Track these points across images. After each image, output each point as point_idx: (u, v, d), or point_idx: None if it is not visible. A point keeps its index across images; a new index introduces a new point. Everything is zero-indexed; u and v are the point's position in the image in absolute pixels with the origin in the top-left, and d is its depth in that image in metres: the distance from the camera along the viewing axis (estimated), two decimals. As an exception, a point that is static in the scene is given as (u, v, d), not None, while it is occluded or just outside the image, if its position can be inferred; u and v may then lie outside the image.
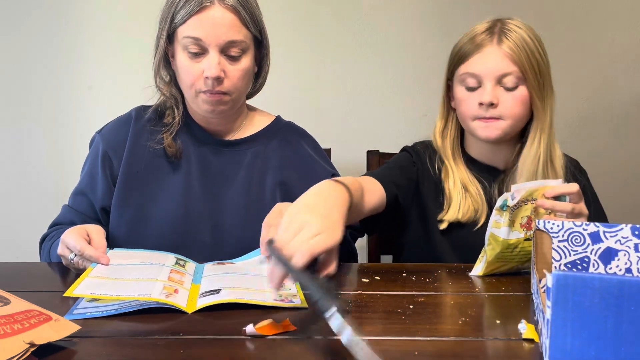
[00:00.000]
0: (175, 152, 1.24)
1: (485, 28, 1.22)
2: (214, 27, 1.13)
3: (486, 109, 1.19)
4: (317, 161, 1.32)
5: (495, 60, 1.18)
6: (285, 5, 1.96)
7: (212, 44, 1.14)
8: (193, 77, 1.16)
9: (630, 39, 2.03)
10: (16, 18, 1.94)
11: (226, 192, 1.24)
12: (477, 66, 1.19)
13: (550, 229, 0.98)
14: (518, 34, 1.19)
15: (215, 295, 0.89)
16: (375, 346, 0.77)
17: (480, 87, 1.20)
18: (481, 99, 1.19)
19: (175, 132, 1.25)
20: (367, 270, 1.14)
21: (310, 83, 2.01)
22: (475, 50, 1.20)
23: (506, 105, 1.19)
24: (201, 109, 1.20)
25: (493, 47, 1.19)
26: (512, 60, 1.18)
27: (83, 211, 1.25)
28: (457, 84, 1.25)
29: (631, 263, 0.96)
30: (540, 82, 1.20)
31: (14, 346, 0.68)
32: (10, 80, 1.97)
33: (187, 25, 1.14)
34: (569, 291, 0.65)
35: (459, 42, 1.25)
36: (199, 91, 1.17)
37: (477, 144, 1.30)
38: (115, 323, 0.84)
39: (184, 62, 1.16)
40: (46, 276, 1.12)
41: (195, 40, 1.14)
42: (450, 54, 1.27)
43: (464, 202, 1.24)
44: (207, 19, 1.13)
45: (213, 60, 1.14)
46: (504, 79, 1.19)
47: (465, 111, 1.23)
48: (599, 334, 0.64)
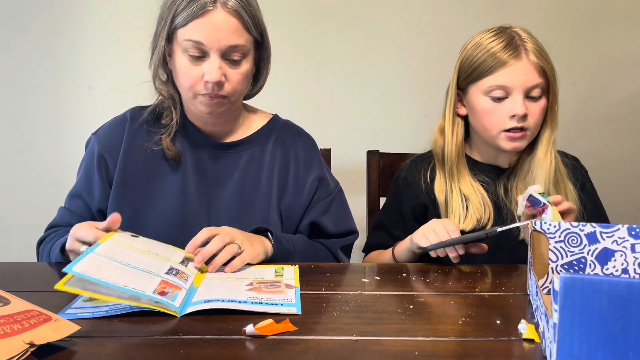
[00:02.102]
0: (174, 155, 1.23)
1: (504, 41, 1.23)
2: (216, 31, 1.11)
3: (518, 120, 1.22)
4: (307, 162, 1.31)
5: (525, 74, 1.21)
6: (286, 5, 1.96)
7: (214, 48, 1.12)
8: (192, 80, 1.15)
9: (630, 39, 2.03)
10: (16, 18, 1.94)
11: (221, 194, 1.24)
12: (507, 78, 1.21)
13: (547, 230, 0.98)
14: (534, 43, 1.23)
15: (202, 303, 0.88)
16: (375, 346, 0.78)
17: (507, 98, 1.22)
18: (514, 111, 1.21)
19: (173, 134, 1.24)
20: (367, 270, 1.14)
21: (310, 83, 2.01)
22: (501, 64, 1.21)
23: (533, 116, 1.23)
24: (199, 111, 1.20)
25: (522, 60, 1.21)
26: (539, 72, 1.22)
27: (80, 213, 1.25)
28: (480, 94, 1.25)
29: (628, 264, 0.96)
30: (557, 90, 1.26)
31: (14, 346, 0.68)
32: (10, 81, 1.97)
33: (188, 28, 1.12)
34: (577, 294, 0.64)
35: (473, 55, 1.25)
36: (198, 94, 1.16)
37: (485, 148, 1.33)
38: (115, 323, 0.84)
39: (183, 65, 1.15)
40: (46, 276, 1.12)
41: (197, 43, 1.12)
42: (462, 66, 1.28)
43: (463, 210, 1.27)
44: (209, 22, 1.11)
45: (214, 65, 1.12)
46: (532, 91, 1.22)
47: (491, 122, 1.25)
48: (607, 337, 0.64)
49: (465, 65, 1.27)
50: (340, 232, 1.30)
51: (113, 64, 1.96)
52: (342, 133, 2.00)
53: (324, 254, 1.27)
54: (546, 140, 1.27)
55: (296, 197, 1.27)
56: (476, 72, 1.25)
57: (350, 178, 1.74)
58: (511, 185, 1.30)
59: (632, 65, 2.04)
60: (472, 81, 1.26)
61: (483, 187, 1.30)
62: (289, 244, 1.18)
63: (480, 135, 1.30)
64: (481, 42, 1.25)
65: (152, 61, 1.21)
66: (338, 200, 1.33)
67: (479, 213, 1.26)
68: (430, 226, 1.17)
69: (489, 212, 1.27)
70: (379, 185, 1.62)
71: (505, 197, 1.29)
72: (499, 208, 1.29)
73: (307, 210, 1.29)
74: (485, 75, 1.23)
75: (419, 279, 1.07)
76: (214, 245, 1.05)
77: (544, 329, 0.75)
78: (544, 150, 1.26)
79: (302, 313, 0.88)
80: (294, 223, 1.28)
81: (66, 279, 0.86)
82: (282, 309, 0.88)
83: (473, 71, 1.25)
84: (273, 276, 1.04)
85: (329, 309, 0.91)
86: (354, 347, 0.77)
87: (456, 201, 1.28)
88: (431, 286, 1.03)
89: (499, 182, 1.31)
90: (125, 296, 0.87)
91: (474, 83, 1.26)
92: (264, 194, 1.25)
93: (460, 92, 1.31)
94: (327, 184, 1.31)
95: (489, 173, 1.32)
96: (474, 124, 1.31)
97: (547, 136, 1.27)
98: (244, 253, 1.08)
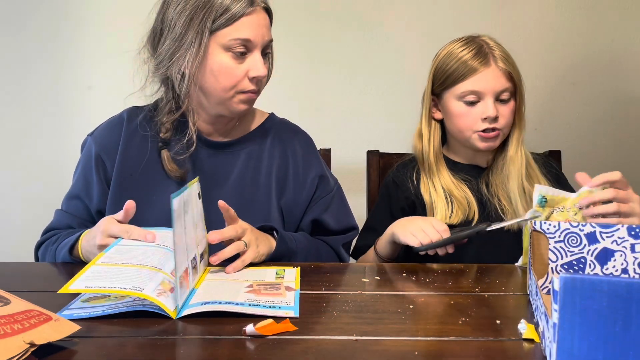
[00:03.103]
0: (181, 175, 1.22)
1: (474, 50, 1.32)
2: (259, 27, 1.16)
3: (490, 122, 1.31)
4: (306, 160, 1.31)
5: (494, 79, 1.31)
6: (286, 4, 1.96)
7: (259, 44, 1.16)
8: (236, 78, 1.16)
9: (630, 39, 2.03)
10: (16, 18, 1.94)
11: (220, 193, 1.23)
12: (478, 84, 1.30)
13: (547, 230, 0.98)
14: (501, 51, 1.33)
15: (200, 306, 0.88)
16: (375, 346, 0.78)
17: (479, 102, 1.31)
18: (486, 114, 1.30)
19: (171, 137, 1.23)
20: (367, 270, 1.14)
21: (310, 83, 2.01)
22: (471, 72, 1.31)
23: (503, 117, 1.32)
24: (232, 110, 1.20)
25: (491, 67, 1.31)
26: (506, 77, 1.31)
27: (79, 215, 1.24)
28: (453, 99, 1.34)
29: (627, 264, 0.96)
30: (524, 93, 1.36)
31: (14, 346, 0.68)
32: (10, 81, 1.97)
33: (235, 27, 1.14)
34: (577, 294, 0.64)
35: (446, 64, 1.35)
36: (240, 91, 1.18)
37: (462, 150, 1.41)
38: (115, 323, 0.84)
39: (227, 64, 1.15)
40: (46, 276, 1.12)
41: (244, 41, 1.15)
42: (436, 74, 1.38)
43: (448, 207, 1.34)
44: (254, 20, 1.15)
45: (260, 61, 1.17)
46: (501, 95, 1.31)
47: (466, 125, 1.33)
48: (607, 337, 0.64)
49: (439, 73, 1.36)
50: (341, 229, 1.31)
51: (113, 64, 1.95)
52: (342, 133, 2.00)
53: (326, 252, 1.27)
54: (516, 140, 1.36)
55: (297, 194, 1.28)
56: (450, 79, 1.34)
57: (350, 178, 1.74)
58: (491, 182, 1.38)
59: (632, 65, 2.04)
60: (446, 87, 1.35)
61: (465, 184, 1.37)
62: (292, 242, 1.19)
63: (456, 138, 1.40)
64: (452, 51, 1.35)
65: (179, 62, 1.16)
66: (338, 196, 1.33)
67: (463, 208, 1.33)
68: (417, 224, 1.21)
69: (474, 207, 1.34)
70: (378, 186, 1.62)
71: (488, 193, 1.37)
72: (482, 203, 1.36)
73: (309, 208, 1.29)
74: (458, 82, 1.32)
75: (419, 279, 1.07)
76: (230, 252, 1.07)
77: (543, 329, 0.75)
78: (514, 149, 1.36)
79: (302, 313, 0.88)
80: (295, 220, 1.28)
81: (71, 282, 0.87)
82: (279, 312, 0.87)
83: (447, 78, 1.34)
84: (274, 278, 1.04)
85: (329, 309, 0.91)
86: (354, 347, 0.77)
87: (440, 198, 1.35)
88: (431, 286, 1.03)
89: (481, 180, 1.39)
90: (128, 287, 0.87)
91: (447, 89, 1.35)
92: (263, 192, 1.26)
93: (435, 98, 1.40)
94: (327, 181, 1.32)
95: (469, 172, 1.40)
96: (449, 127, 1.39)
97: (516, 136, 1.37)
98: (246, 254, 1.08)
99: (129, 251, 0.98)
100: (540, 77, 1.98)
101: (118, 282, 0.88)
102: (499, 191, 1.35)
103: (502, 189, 1.35)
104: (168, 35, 1.16)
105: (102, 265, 0.93)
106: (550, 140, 2.00)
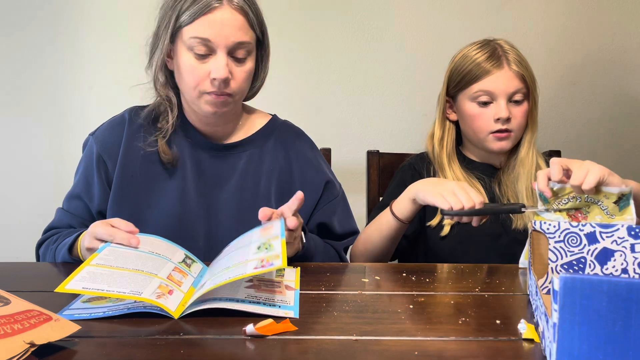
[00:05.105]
0: (171, 159, 1.22)
1: (488, 52, 1.35)
2: (222, 28, 1.12)
3: (502, 123, 1.33)
4: (312, 163, 1.31)
5: (507, 80, 1.33)
6: (286, 4, 1.96)
7: (221, 45, 1.12)
8: (198, 78, 1.14)
9: (630, 39, 2.03)
10: (17, 18, 1.94)
11: (220, 196, 1.23)
12: (491, 85, 1.33)
13: (547, 230, 0.98)
14: (515, 54, 1.35)
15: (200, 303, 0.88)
16: (375, 346, 0.78)
17: (493, 103, 1.34)
18: (499, 114, 1.32)
19: (170, 136, 1.23)
20: (367, 270, 1.14)
21: (310, 83, 2.01)
22: (485, 73, 1.34)
23: (516, 118, 1.35)
24: (203, 111, 1.19)
25: (504, 69, 1.33)
26: (519, 79, 1.34)
27: (79, 215, 1.24)
28: (467, 100, 1.37)
29: (627, 264, 0.96)
30: (537, 96, 1.38)
31: (14, 346, 0.68)
32: (10, 81, 1.97)
33: (194, 25, 1.12)
34: (577, 294, 0.64)
35: (461, 66, 1.37)
36: (203, 92, 1.15)
37: (476, 150, 1.43)
38: (115, 323, 0.84)
39: (189, 63, 1.14)
40: (46, 276, 1.12)
41: (203, 41, 1.12)
42: (451, 76, 1.40)
43: None
44: (216, 19, 1.11)
45: (221, 62, 1.12)
46: (514, 96, 1.34)
47: (479, 126, 1.36)
48: (607, 337, 0.64)
49: (454, 75, 1.39)
50: (345, 233, 1.31)
51: (113, 64, 1.96)
52: (342, 133, 2.00)
53: (333, 255, 1.28)
54: (528, 142, 1.39)
55: None
56: (464, 81, 1.37)
57: (350, 178, 1.74)
58: (503, 182, 1.40)
59: (632, 65, 2.04)
60: (460, 89, 1.38)
61: (479, 183, 1.39)
62: (309, 242, 1.18)
63: (470, 140, 1.42)
64: (467, 54, 1.38)
65: (152, 62, 1.20)
66: (343, 201, 1.34)
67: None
68: (448, 187, 1.15)
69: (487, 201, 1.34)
70: (378, 185, 1.62)
71: (499, 192, 1.39)
72: (493, 202, 1.38)
73: (315, 212, 1.29)
74: (472, 83, 1.35)
75: (419, 279, 1.07)
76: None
77: (543, 329, 0.75)
78: (526, 151, 1.39)
79: (302, 313, 0.88)
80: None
81: (67, 282, 0.86)
82: (279, 312, 0.87)
83: (461, 79, 1.37)
84: (274, 276, 1.04)
85: (329, 309, 0.91)
86: (354, 347, 0.77)
87: None
88: (431, 286, 1.03)
89: (494, 180, 1.41)
90: (127, 291, 0.87)
91: (462, 90, 1.37)
92: (264, 194, 1.25)
93: (450, 100, 1.43)
94: (333, 186, 1.32)
95: (484, 170, 1.42)
96: (463, 128, 1.42)
97: (528, 138, 1.39)
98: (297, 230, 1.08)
99: (122, 254, 0.98)
100: (540, 77, 1.97)
101: (116, 285, 0.88)
102: (508, 191, 1.38)
103: (511, 189, 1.38)
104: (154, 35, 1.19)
105: (96, 267, 0.93)
106: (550, 140, 2.00)
